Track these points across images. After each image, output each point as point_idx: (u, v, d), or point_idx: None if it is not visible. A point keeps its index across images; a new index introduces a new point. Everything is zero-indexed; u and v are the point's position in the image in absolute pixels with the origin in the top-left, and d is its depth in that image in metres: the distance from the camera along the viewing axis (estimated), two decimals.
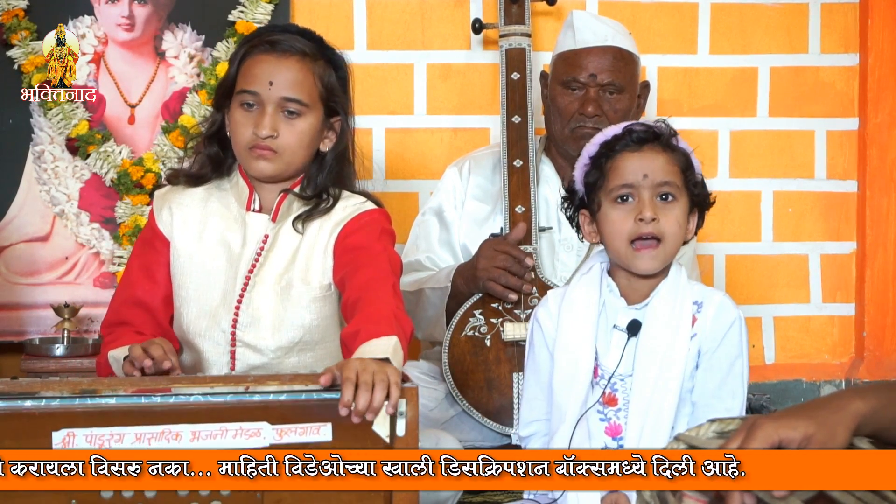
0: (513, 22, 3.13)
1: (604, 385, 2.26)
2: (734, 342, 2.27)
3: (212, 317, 2.38)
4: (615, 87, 3.01)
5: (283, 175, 2.39)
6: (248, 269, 2.38)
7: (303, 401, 1.90)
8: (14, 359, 3.31)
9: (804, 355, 3.69)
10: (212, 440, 1.85)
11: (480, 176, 3.15)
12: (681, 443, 1.75)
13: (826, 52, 3.66)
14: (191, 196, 2.44)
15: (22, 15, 3.37)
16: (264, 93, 2.34)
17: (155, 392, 1.92)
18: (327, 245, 2.38)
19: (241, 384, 1.98)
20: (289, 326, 2.36)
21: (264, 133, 2.33)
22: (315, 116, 2.38)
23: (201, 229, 2.41)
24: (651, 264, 2.24)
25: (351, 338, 2.12)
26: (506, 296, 2.86)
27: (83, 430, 1.82)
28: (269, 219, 2.40)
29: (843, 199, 3.68)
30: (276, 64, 2.35)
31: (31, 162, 3.43)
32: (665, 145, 2.26)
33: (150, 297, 2.41)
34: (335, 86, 2.40)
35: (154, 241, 2.43)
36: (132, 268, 2.46)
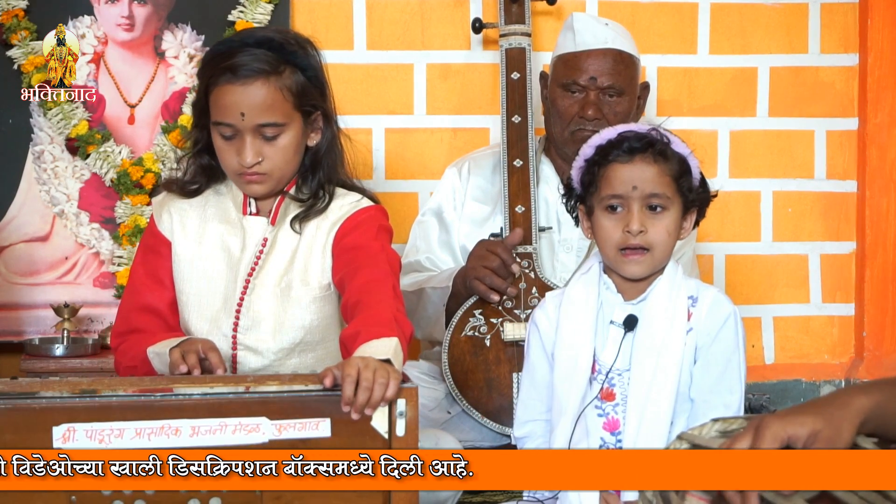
0: (513, 21, 3.13)
1: (602, 380, 2.27)
2: (730, 337, 2.28)
3: (213, 321, 2.38)
4: (615, 89, 3.01)
5: (277, 189, 2.39)
6: (247, 272, 2.38)
7: (302, 396, 1.91)
8: (14, 359, 3.31)
9: (804, 355, 3.69)
10: (211, 435, 1.85)
11: (480, 177, 3.15)
12: (684, 442, 1.75)
13: (826, 52, 3.66)
14: (189, 201, 2.44)
15: (22, 15, 3.37)
16: (238, 124, 2.31)
17: (155, 392, 1.92)
18: (325, 245, 2.38)
19: (241, 384, 1.99)
20: (289, 328, 2.36)
21: (248, 162, 2.31)
22: (295, 128, 2.35)
23: (201, 234, 2.41)
24: (638, 269, 2.26)
25: (351, 339, 2.12)
26: (488, 296, 2.86)
27: (83, 424, 1.83)
28: (268, 222, 2.40)
29: (842, 199, 3.68)
30: (242, 94, 2.29)
31: (31, 162, 3.42)
32: (658, 154, 2.26)
33: (160, 301, 2.40)
34: (306, 87, 2.36)
35: (158, 246, 2.43)
36: (137, 275, 2.45)
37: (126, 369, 2.37)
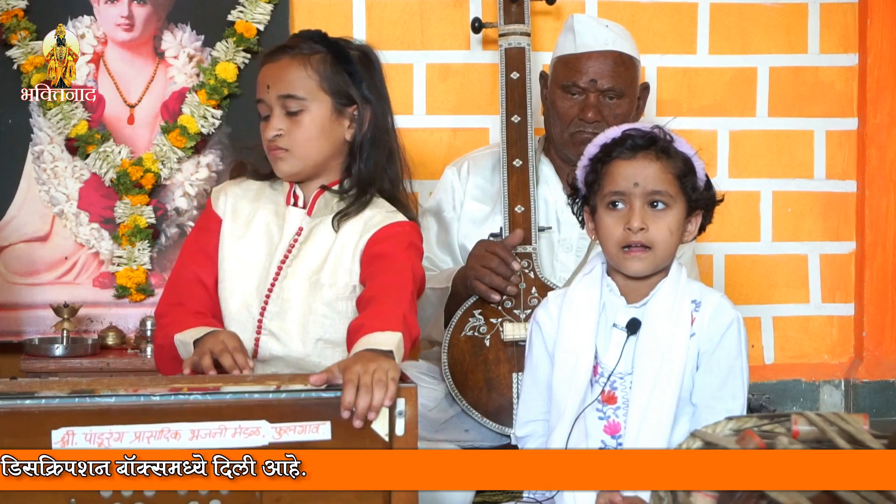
0: (512, 21, 3.13)
1: (603, 383, 2.26)
2: (733, 343, 2.27)
3: (244, 302, 2.42)
4: (615, 92, 3.00)
5: (305, 171, 2.44)
6: (280, 259, 2.42)
7: (302, 399, 1.91)
8: (13, 359, 3.31)
9: (803, 355, 3.69)
10: (211, 438, 1.85)
11: (479, 176, 3.15)
12: (697, 439, 1.75)
13: (825, 52, 3.66)
14: (246, 188, 2.51)
15: (21, 15, 3.37)
16: (266, 97, 2.42)
17: (154, 394, 1.92)
18: (356, 249, 2.40)
19: (240, 383, 1.99)
20: (314, 322, 2.38)
21: (271, 134, 2.41)
22: (319, 108, 2.41)
23: (250, 220, 2.47)
24: (640, 266, 2.26)
25: (356, 329, 2.17)
26: (489, 296, 2.86)
27: (82, 428, 1.83)
28: (305, 213, 2.45)
29: (842, 199, 3.68)
30: (270, 69, 2.43)
31: (31, 162, 3.43)
32: (661, 152, 2.25)
33: (208, 275, 2.45)
34: (337, 73, 2.43)
35: (210, 224, 2.49)
36: (188, 249, 2.52)
37: (158, 347, 2.44)
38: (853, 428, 1.68)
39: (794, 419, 1.72)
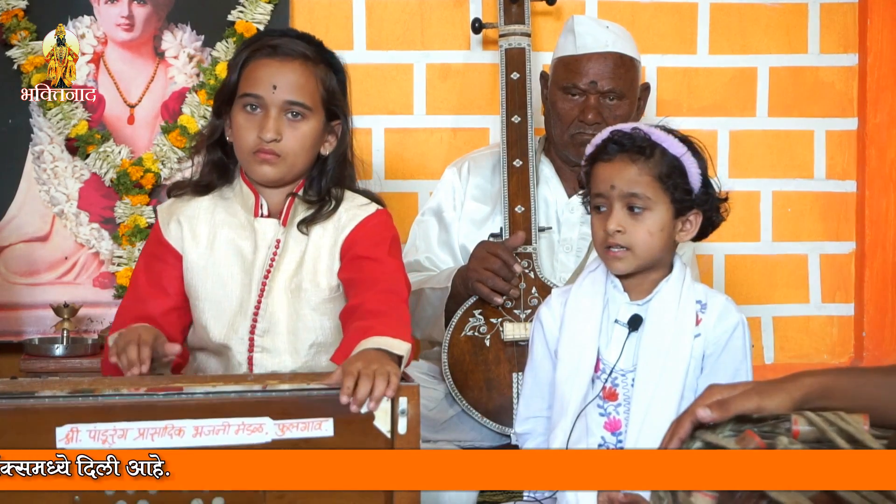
0: (512, 21, 3.13)
1: (604, 379, 2.27)
2: (737, 347, 2.28)
3: (229, 324, 2.38)
4: (615, 93, 3.00)
5: (285, 179, 2.40)
6: (262, 274, 2.38)
7: (305, 396, 1.91)
8: (13, 359, 3.31)
9: (803, 355, 3.69)
10: (214, 435, 1.86)
11: (479, 176, 3.15)
12: (697, 440, 1.76)
13: (825, 52, 3.66)
14: (196, 207, 2.43)
15: (21, 15, 3.37)
16: (268, 96, 2.35)
17: (158, 391, 1.92)
18: (333, 248, 2.39)
19: (241, 382, 1.99)
20: (303, 329, 2.37)
21: (269, 136, 2.34)
22: (317, 120, 2.38)
23: (212, 239, 2.41)
24: (620, 266, 2.27)
25: (362, 330, 2.11)
26: (491, 298, 2.86)
27: (86, 425, 1.83)
28: (279, 223, 2.41)
29: (842, 199, 3.68)
30: (279, 67, 2.35)
31: (31, 162, 3.42)
32: (638, 154, 2.25)
33: (160, 310, 2.38)
34: (335, 89, 2.41)
35: (163, 255, 2.42)
36: (139, 282, 2.43)
37: (109, 367, 2.34)
38: (853, 428, 1.69)
39: (794, 419, 1.72)
